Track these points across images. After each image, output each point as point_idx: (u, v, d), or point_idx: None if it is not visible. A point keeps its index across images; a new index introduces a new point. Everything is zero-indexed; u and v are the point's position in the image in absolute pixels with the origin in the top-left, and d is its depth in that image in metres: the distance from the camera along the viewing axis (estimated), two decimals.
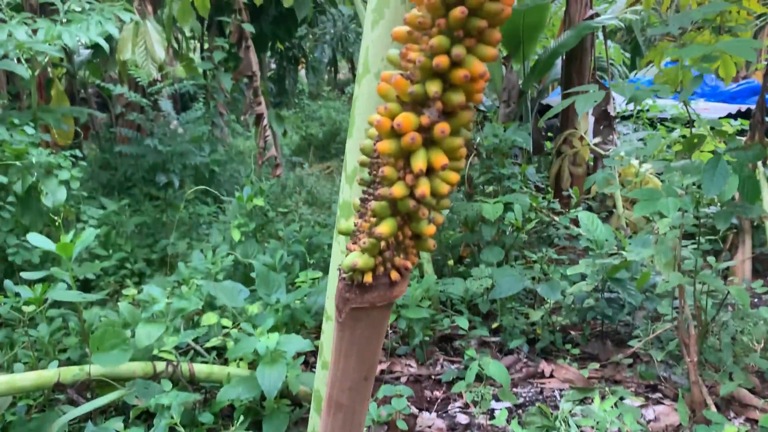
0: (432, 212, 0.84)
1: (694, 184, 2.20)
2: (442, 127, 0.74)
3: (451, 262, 4.03)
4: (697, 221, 2.39)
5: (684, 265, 2.48)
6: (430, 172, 0.78)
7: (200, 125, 5.82)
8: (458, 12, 0.70)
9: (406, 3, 1.49)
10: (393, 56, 0.80)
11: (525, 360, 3.41)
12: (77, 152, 3.84)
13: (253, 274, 3.29)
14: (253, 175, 6.62)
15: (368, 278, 0.84)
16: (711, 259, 2.68)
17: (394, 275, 0.84)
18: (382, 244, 0.82)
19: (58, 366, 2.52)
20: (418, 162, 0.76)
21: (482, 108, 6.80)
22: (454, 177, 0.80)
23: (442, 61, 0.72)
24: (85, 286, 4.41)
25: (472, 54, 0.74)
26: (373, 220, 0.82)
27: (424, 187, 0.77)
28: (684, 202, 2.09)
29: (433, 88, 0.74)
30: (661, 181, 3.45)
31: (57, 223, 2.89)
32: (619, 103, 5.95)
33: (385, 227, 0.80)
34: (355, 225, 0.86)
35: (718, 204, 2.70)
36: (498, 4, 0.71)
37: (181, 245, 4.50)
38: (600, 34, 6.83)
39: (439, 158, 0.76)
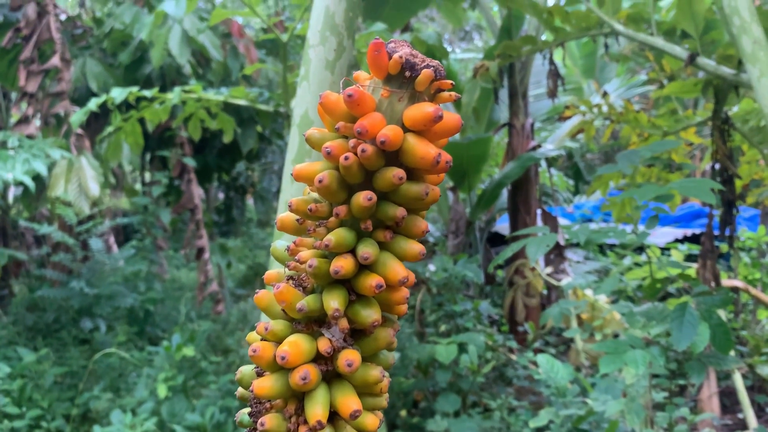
0: None
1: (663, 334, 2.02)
2: (349, 358, 0.51)
3: (403, 413, 3.69)
4: (667, 371, 2.19)
5: (657, 420, 2.25)
6: (335, 417, 0.54)
7: (136, 262, 5.50)
8: (362, 199, 0.48)
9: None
10: (279, 251, 0.57)
11: None
12: None
13: None
14: (192, 312, 6.24)
15: None
16: (685, 410, 2.45)
17: None
18: None
19: None
20: (316, 409, 0.51)
21: (430, 239, 6.70)
22: (373, 422, 0.55)
23: (343, 265, 0.50)
24: None
25: (387, 252, 0.52)
26: None
27: None
28: (652, 355, 1.89)
29: (334, 302, 0.51)
30: (622, 314, 3.26)
31: None
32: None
33: None
34: None
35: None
36: (419, 186, 0.49)
37: (103, 399, 4.04)
38: (543, 163, 6.95)
39: (348, 401, 0.52)
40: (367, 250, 0.49)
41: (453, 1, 5.74)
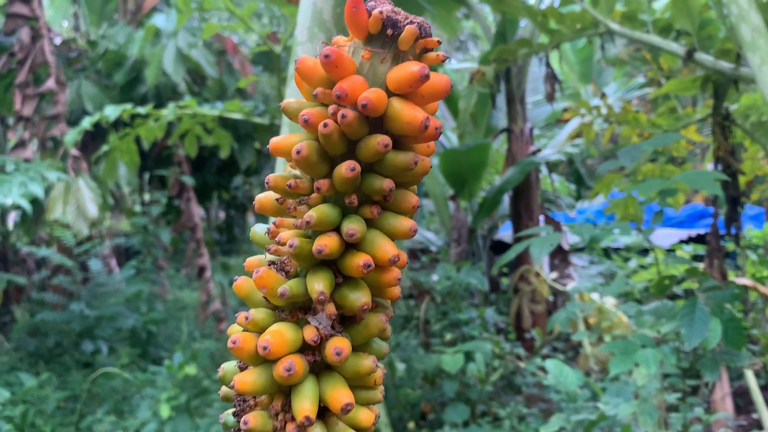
0: None
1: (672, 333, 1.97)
2: (338, 346, 0.46)
3: (411, 425, 3.62)
4: (679, 371, 2.13)
5: (671, 421, 2.19)
6: (326, 413, 0.49)
7: (137, 283, 5.45)
8: (345, 170, 0.44)
9: None
10: (258, 235, 0.53)
11: None
12: None
13: None
14: (196, 331, 6.18)
15: None
16: (699, 410, 2.39)
17: None
18: None
19: None
20: (304, 404, 0.47)
21: (432, 249, 6.65)
22: (367, 417, 0.50)
23: (327, 243, 0.45)
24: None
25: (375, 229, 0.48)
26: None
27: None
28: (664, 353, 1.83)
29: (318, 285, 0.46)
30: (630, 315, 3.21)
31: None
32: (570, 235, 5.87)
33: None
34: None
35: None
36: (407, 155, 0.45)
37: (106, 422, 3.98)
38: (544, 168, 6.91)
39: (338, 394, 0.47)
40: (353, 226, 0.45)
41: (447, 10, 5.72)
